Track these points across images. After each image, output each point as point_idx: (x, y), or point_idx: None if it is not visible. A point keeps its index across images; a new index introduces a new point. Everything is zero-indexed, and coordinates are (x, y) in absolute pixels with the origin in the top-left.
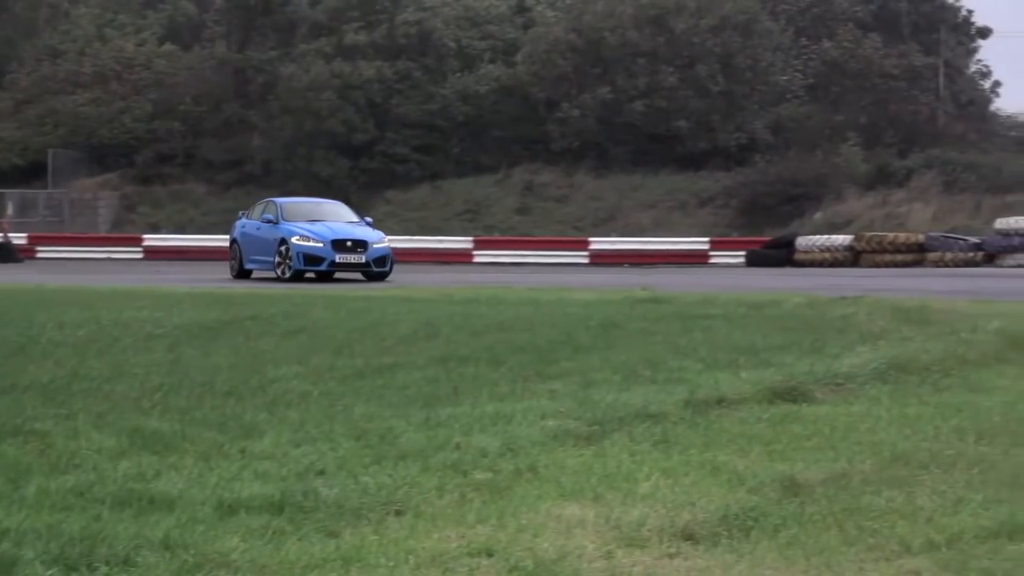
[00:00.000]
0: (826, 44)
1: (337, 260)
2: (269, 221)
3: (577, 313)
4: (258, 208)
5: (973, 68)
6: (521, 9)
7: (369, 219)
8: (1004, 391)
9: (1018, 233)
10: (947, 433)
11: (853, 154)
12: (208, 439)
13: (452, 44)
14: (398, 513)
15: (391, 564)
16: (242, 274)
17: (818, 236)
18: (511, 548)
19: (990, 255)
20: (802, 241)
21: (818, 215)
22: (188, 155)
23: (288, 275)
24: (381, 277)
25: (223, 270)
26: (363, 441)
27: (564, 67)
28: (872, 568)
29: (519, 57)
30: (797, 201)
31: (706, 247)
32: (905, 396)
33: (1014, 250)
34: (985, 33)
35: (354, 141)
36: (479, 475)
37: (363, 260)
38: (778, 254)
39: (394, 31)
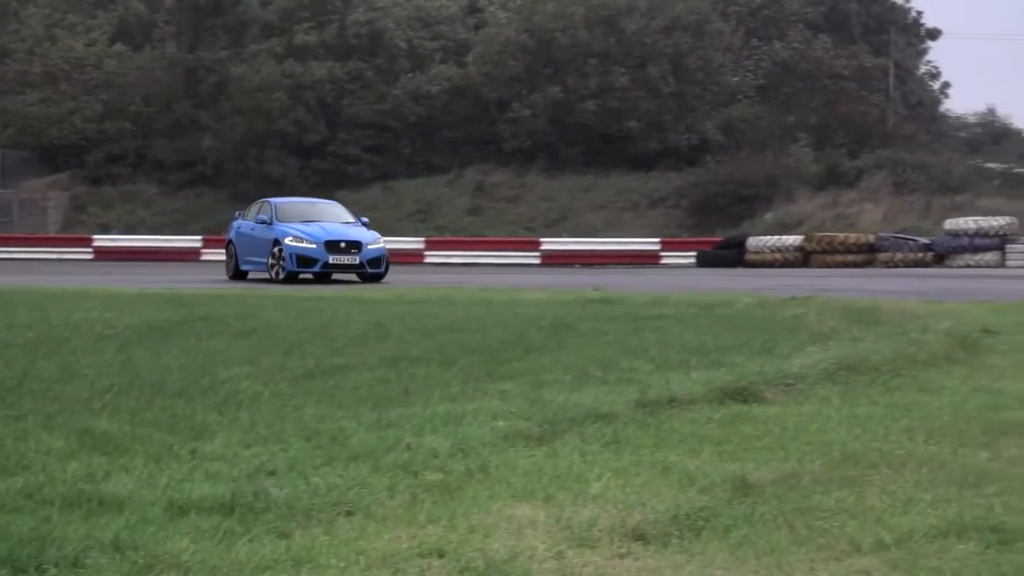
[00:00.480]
0: (776, 45)
1: (331, 261)
2: (263, 222)
3: (528, 313)
4: (253, 208)
5: (923, 69)
6: (472, 10)
7: (365, 219)
8: (953, 391)
9: (967, 234)
10: (897, 433)
11: (803, 155)
12: (158, 440)
13: (403, 44)
14: (349, 514)
15: (342, 565)
16: (238, 275)
17: (769, 236)
18: (462, 549)
19: (940, 255)
20: (753, 241)
21: (768, 215)
22: (139, 155)
23: (282, 276)
24: (376, 278)
25: (183, 271)
26: (314, 442)
27: (515, 67)
28: (822, 568)
29: (470, 57)
30: (748, 201)
31: (657, 248)
32: (855, 396)
33: (963, 250)
34: (935, 34)
35: (305, 141)
36: (430, 476)
37: (357, 261)
38: (729, 254)
39: (345, 31)
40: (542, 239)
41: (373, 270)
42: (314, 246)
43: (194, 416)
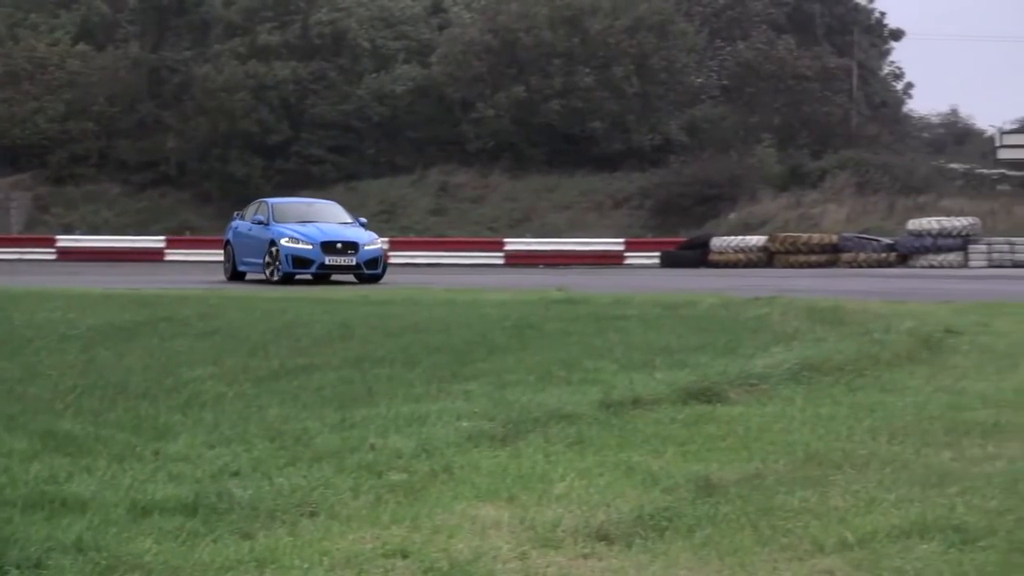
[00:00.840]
0: (740, 46)
1: (327, 262)
2: (260, 222)
3: (492, 314)
4: (251, 208)
5: (886, 70)
6: (436, 10)
7: (363, 219)
8: (916, 391)
9: (930, 234)
10: (860, 433)
11: (767, 155)
12: (122, 441)
13: (366, 44)
14: (312, 514)
15: (305, 566)
16: (235, 276)
17: (732, 237)
18: (426, 549)
19: (903, 256)
20: (717, 242)
21: (732, 216)
22: (102, 156)
23: (277, 277)
24: (373, 279)
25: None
26: (278, 442)
27: (479, 68)
28: (785, 568)
29: (434, 58)
30: (711, 202)
31: (621, 248)
32: (819, 396)
33: (926, 251)
34: (898, 35)
35: (269, 141)
36: (394, 476)
37: (353, 262)
38: (693, 255)
39: (308, 31)
40: (506, 239)
41: (370, 271)
42: (310, 247)
43: (157, 417)
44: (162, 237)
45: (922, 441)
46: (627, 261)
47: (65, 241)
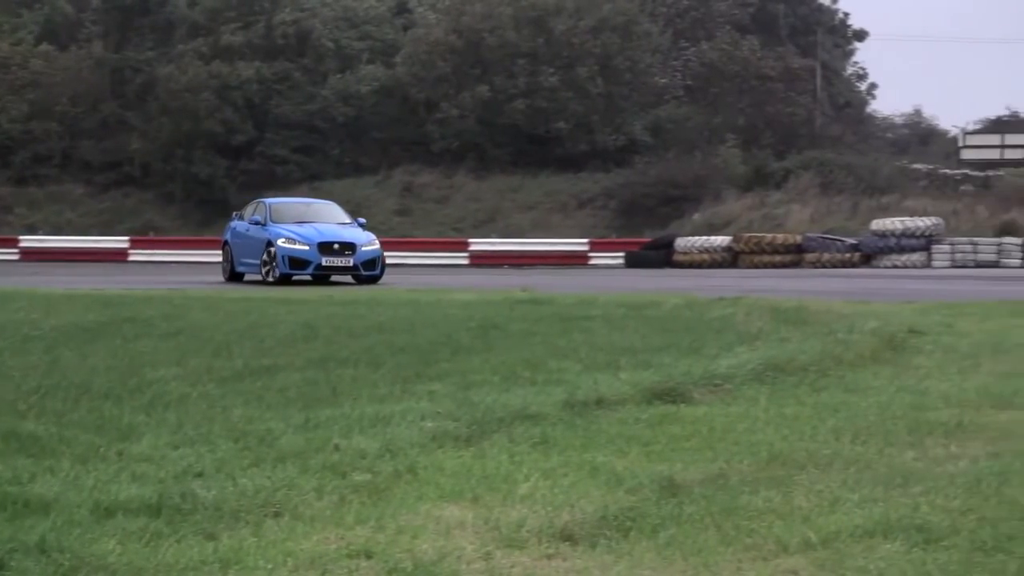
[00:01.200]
0: (704, 46)
1: (323, 263)
2: (257, 223)
3: (457, 314)
4: (249, 209)
5: (850, 70)
6: (401, 10)
7: (362, 220)
8: (879, 391)
9: (894, 234)
10: (824, 433)
11: (731, 155)
12: (85, 441)
13: (330, 44)
14: (276, 515)
15: (269, 566)
16: (234, 277)
17: (697, 237)
18: (390, 549)
19: (867, 256)
20: (681, 242)
21: (697, 216)
22: (65, 156)
23: (274, 278)
24: (371, 280)
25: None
26: (242, 443)
27: (444, 68)
28: (749, 568)
29: (399, 58)
30: (676, 202)
31: (585, 248)
32: (783, 396)
33: (890, 251)
34: (862, 36)
35: (233, 142)
36: (358, 477)
37: (351, 263)
38: (657, 255)
39: (272, 31)
40: (470, 240)
41: (367, 272)
42: (306, 248)
43: (121, 417)
44: (126, 238)
45: (885, 441)
46: (592, 261)
47: (28, 242)
